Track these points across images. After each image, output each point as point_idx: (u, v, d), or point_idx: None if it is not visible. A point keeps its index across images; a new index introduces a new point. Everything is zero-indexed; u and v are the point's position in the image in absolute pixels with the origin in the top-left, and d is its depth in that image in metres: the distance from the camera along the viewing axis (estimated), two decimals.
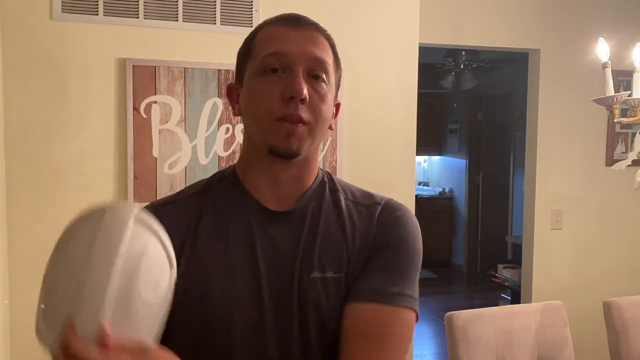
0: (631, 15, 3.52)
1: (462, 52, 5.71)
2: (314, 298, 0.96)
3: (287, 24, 0.99)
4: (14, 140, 2.26)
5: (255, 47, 0.99)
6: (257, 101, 0.96)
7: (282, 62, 0.95)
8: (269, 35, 0.99)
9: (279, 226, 0.99)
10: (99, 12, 2.31)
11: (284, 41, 0.96)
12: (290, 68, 0.95)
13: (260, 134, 0.97)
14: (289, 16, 1.00)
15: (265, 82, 0.96)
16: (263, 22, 1.03)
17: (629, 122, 2.04)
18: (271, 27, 1.00)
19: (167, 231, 0.91)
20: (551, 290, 3.45)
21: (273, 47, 0.96)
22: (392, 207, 1.05)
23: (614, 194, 3.64)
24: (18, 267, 2.27)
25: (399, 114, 2.75)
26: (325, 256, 0.98)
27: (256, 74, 0.97)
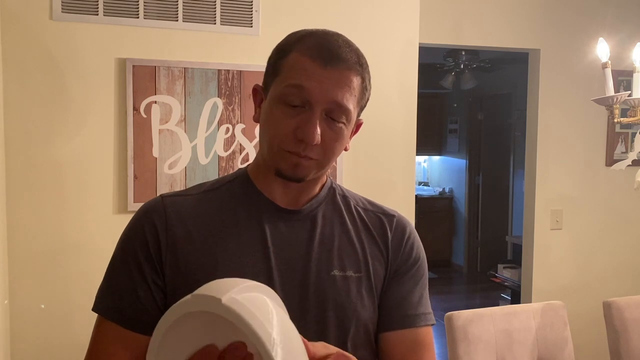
0: (631, 15, 3.52)
1: (462, 52, 5.71)
2: (334, 295, 1.01)
3: (320, 58, 0.95)
4: (14, 140, 2.26)
5: (283, 69, 0.97)
6: (272, 128, 0.97)
7: (303, 99, 0.94)
8: (298, 65, 0.95)
9: (290, 223, 1.03)
10: (99, 12, 2.31)
11: (310, 78, 0.94)
12: (310, 106, 0.94)
13: (270, 157, 0.99)
14: (324, 47, 0.96)
15: (283, 112, 0.95)
16: (299, 41, 0.98)
17: (629, 122, 2.04)
18: (303, 55, 0.96)
19: (179, 219, 0.98)
20: (551, 290, 3.45)
21: (298, 79, 0.94)
22: (405, 220, 1.13)
23: (614, 194, 3.64)
24: (18, 267, 2.27)
25: (399, 114, 2.75)
26: (345, 256, 1.04)
27: (277, 99, 0.96)
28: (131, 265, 0.98)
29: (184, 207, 1.02)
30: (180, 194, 1.06)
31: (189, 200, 1.03)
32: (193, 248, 0.98)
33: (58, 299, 2.32)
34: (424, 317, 1.08)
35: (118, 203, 2.37)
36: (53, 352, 2.31)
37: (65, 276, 2.33)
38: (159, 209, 1.01)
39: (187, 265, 0.97)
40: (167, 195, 1.05)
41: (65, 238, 2.32)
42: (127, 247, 1.00)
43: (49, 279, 2.31)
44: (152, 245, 0.98)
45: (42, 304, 2.30)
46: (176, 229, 0.99)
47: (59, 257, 2.32)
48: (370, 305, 1.04)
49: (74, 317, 2.30)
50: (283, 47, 1.00)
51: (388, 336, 1.05)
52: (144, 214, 1.02)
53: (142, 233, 0.99)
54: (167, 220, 0.99)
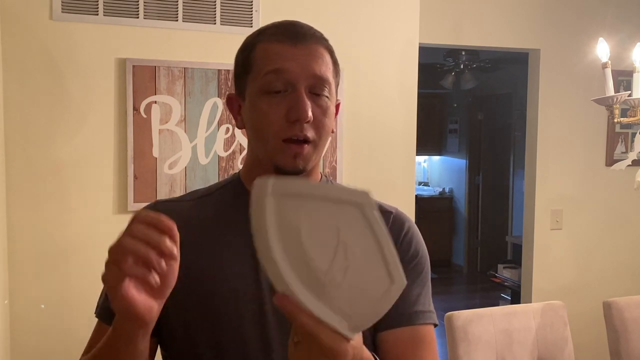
0: (631, 15, 3.52)
1: (462, 52, 5.71)
2: None
3: (287, 39, 0.96)
4: (14, 140, 2.26)
5: (255, 63, 0.97)
6: (262, 122, 0.96)
7: (284, 82, 0.94)
8: (269, 52, 0.96)
9: None
10: (99, 12, 2.31)
11: (285, 59, 0.94)
12: (293, 87, 0.94)
13: (267, 153, 0.97)
14: (288, 29, 0.97)
15: (268, 102, 0.95)
16: (260, 34, 1.00)
17: (629, 122, 2.04)
18: (270, 42, 0.97)
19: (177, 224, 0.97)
20: (551, 290, 3.45)
21: (274, 64, 0.94)
22: (404, 216, 1.10)
23: (614, 194, 3.64)
24: (18, 267, 2.27)
25: (399, 114, 2.75)
26: None
27: (259, 92, 0.96)
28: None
29: (178, 213, 0.97)
30: (175, 200, 1.07)
31: (183, 207, 1.03)
32: (185, 255, 0.95)
33: (58, 299, 2.32)
34: (423, 315, 1.04)
35: (118, 203, 2.37)
36: (53, 352, 2.31)
37: (65, 276, 2.33)
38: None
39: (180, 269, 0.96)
40: (161, 201, 1.06)
41: (65, 238, 2.32)
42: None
43: (49, 279, 2.31)
44: None
45: (42, 304, 2.30)
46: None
47: (59, 257, 2.32)
48: None
49: (74, 317, 2.30)
50: (246, 45, 1.01)
51: (385, 335, 1.01)
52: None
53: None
54: None
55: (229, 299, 0.96)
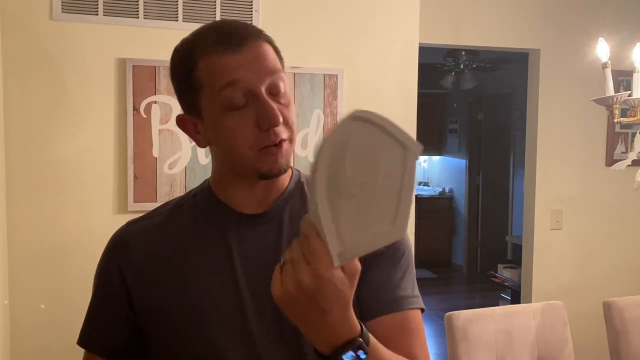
0: (631, 15, 3.52)
1: (462, 52, 5.71)
2: None
3: (228, 47, 0.91)
4: (14, 140, 2.26)
5: (204, 80, 0.92)
6: (233, 138, 0.92)
7: (244, 92, 0.90)
8: (215, 66, 0.91)
9: (256, 228, 0.98)
10: (98, 12, 2.31)
11: (235, 69, 0.90)
12: (254, 95, 0.91)
13: (247, 164, 0.94)
14: (224, 35, 0.93)
15: (234, 119, 0.91)
16: (195, 46, 0.95)
17: (629, 122, 2.04)
18: (211, 55, 0.91)
19: (141, 245, 1.01)
20: (551, 290, 3.45)
21: (226, 77, 0.90)
22: None
23: (614, 194, 3.64)
24: (18, 267, 2.27)
25: (399, 113, 2.74)
26: None
27: (221, 110, 0.91)
28: (100, 298, 1.06)
29: (148, 230, 1.03)
30: (146, 217, 1.06)
31: (155, 222, 1.04)
32: (158, 270, 0.98)
33: (58, 299, 2.32)
34: (407, 300, 0.99)
35: (118, 203, 2.37)
36: (53, 352, 2.31)
37: (65, 276, 2.33)
38: (120, 240, 1.04)
39: (154, 287, 0.98)
40: (132, 221, 1.07)
41: (65, 238, 2.32)
42: (98, 281, 1.07)
43: (49, 279, 2.31)
44: (117, 278, 1.01)
45: (42, 304, 2.30)
46: (139, 254, 1.00)
47: (59, 257, 2.32)
48: None
49: (74, 317, 2.29)
50: (184, 61, 0.97)
51: (372, 325, 0.93)
52: (108, 250, 1.06)
53: (107, 268, 1.04)
54: (129, 249, 1.01)
55: (210, 312, 0.95)
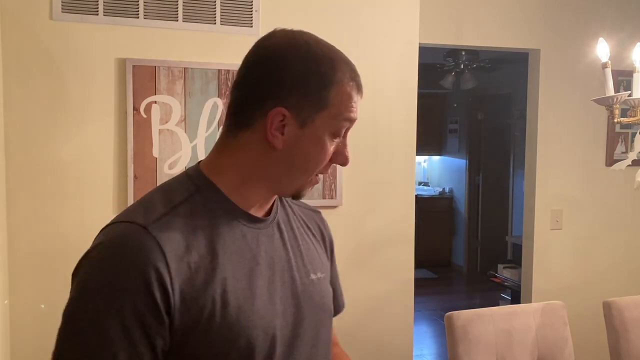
0: (631, 15, 3.52)
1: (462, 52, 5.71)
2: (319, 299, 1.04)
3: (359, 89, 1.00)
4: (14, 140, 2.26)
5: (334, 103, 0.95)
6: (318, 159, 0.98)
7: (345, 130, 1.00)
8: (348, 99, 0.97)
9: (266, 232, 1.01)
10: (99, 12, 2.31)
11: (355, 111, 0.99)
12: (345, 135, 1.00)
13: (298, 181, 1.00)
14: (357, 76, 1.00)
15: (331, 144, 0.98)
16: (336, 68, 0.96)
17: (629, 122, 2.04)
18: (348, 87, 0.97)
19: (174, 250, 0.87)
20: (551, 290, 3.45)
21: (351, 113, 0.98)
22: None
23: (614, 194, 3.64)
24: (18, 267, 2.27)
25: (399, 114, 2.75)
26: (311, 259, 1.07)
27: (328, 132, 0.97)
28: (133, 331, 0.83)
29: (171, 232, 0.89)
30: (157, 218, 0.90)
31: (169, 222, 0.90)
32: (197, 280, 0.88)
33: (58, 299, 2.31)
34: (343, 302, 1.22)
35: (118, 203, 2.37)
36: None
37: (65, 276, 2.31)
38: (154, 248, 0.86)
39: (197, 300, 0.88)
40: (150, 222, 0.88)
41: (65, 238, 2.32)
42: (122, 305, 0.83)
43: (49, 279, 2.31)
44: (160, 297, 0.84)
45: (42, 304, 2.30)
46: (176, 262, 0.87)
47: (59, 257, 2.32)
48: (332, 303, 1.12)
49: None
50: (324, 75, 0.95)
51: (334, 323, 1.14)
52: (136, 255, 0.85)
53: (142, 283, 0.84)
54: (166, 256, 0.86)
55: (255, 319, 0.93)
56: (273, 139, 0.94)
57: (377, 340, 2.73)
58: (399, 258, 2.75)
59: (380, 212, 2.70)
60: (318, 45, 0.97)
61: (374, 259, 2.73)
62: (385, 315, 2.76)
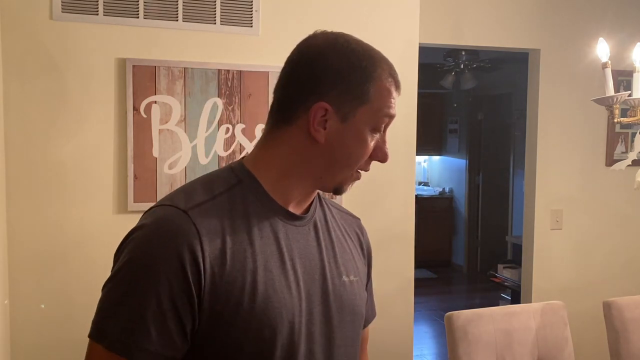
0: (631, 15, 3.52)
1: (462, 52, 5.71)
2: (350, 301, 1.05)
3: (397, 86, 1.04)
4: (14, 140, 2.26)
5: (374, 98, 1.00)
6: (362, 153, 1.00)
7: (384, 126, 1.03)
8: (388, 95, 1.02)
9: (301, 229, 1.03)
10: (99, 12, 2.31)
11: (394, 107, 1.03)
12: (384, 131, 1.03)
13: (339, 176, 1.02)
14: (395, 73, 1.05)
15: (371, 139, 1.00)
16: (377, 64, 1.02)
17: (629, 122, 2.04)
18: (388, 84, 1.02)
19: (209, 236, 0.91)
20: (551, 290, 3.45)
21: (391, 110, 1.02)
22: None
23: (614, 194, 3.64)
24: (18, 267, 2.27)
25: (399, 113, 2.73)
26: (345, 261, 1.08)
27: (369, 127, 1.00)
28: (166, 308, 0.88)
29: (210, 218, 0.93)
30: (198, 203, 0.94)
31: (209, 210, 0.94)
32: (229, 266, 0.92)
33: (58, 299, 2.32)
34: (375, 311, 1.27)
35: (118, 203, 2.37)
36: (53, 352, 2.31)
37: (65, 276, 2.33)
38: (191, 230, 0.91)
39: (226, 286, 0.91)
40: (188, 208, 0.93)
41: (65, 238, 2.32)
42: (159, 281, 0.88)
43: (49, 279, 2.31)
44: (192, 276, 0.89)
45: (42, 304, 2.30)
46: (211, 247, 0.91)
47: (59, 257, 2.32)
48: (364, 308, 1.13)
49: (74, 317, 2.30)
50: (366, 71, 0.99)
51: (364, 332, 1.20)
52: (175, 235, 0.90)
53: (173, 259, 0.89)
54: (201, 239, 0.90)
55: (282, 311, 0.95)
56: (315, 134, 0.97)
57: (377, 340, 2.72)
58: (399, 258, 2.74)
59: (380, 212, 2.70)
60: (358, 44, 1.02)
61: (374, 259, 2.72)
62: (385, 315, 2.74)
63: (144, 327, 0.88)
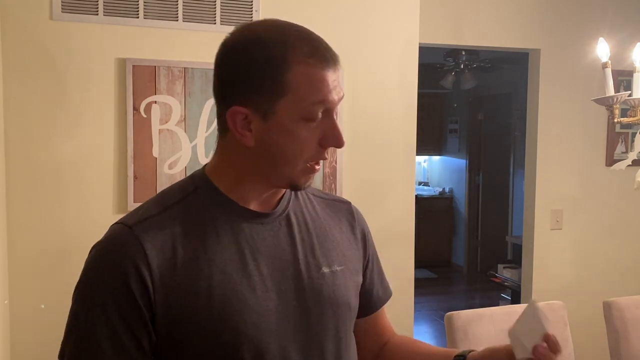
0: (631, 15, 3.52)
1: (462, 52, 5.71)
2: (329, 293, 1.02)
3: (325, 65, 0.92)
4: (14, 140, 2.26)
5: (295, 87, 0.90)
6: (298, 147, 0.93)
7: (324, 110, 0.93)
8: (313, 79, 0.91)
9: (268, 227, 1.01)
10: (99, 12, 2.31)
11: (328, 90, 0.92)
12: (329, 115, 0.94)
13: (286, 173, 0.96)
14: (321, 50, 0.93)
15: (307, 129, 0.93)
16: (290, 48, 0.91)
17: (629, 122, 2.04)
18: (309, 67, 0.91)
19: (157, 248, 0.91)
20: (551, 290, 3.45)
21: (320, 95, 0.91)
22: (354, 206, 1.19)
23: (614, 194, 3.64)
24: (18, 267, 2.27)
25: (399, 113, 2.75)
26: (327, 251, 1.05)
27: (298, 119, 0.92)
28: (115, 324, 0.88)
29: (157, 231, 0.92)
30: (145, 218, 0.94)
31: (158, 222, 0.94)
32: (181, 276, 0.91)
33: (58, 299, 2.31)
34: (389, 290, 1.24)
35: (118, 203, 2.37)
36: (53, 352, 2.30)
37: (65, 276, 2.31)
38: (135, 246, 0.90)
39: (181, 294, 0.90)
40: (133, 223, 0.93)
41: (65, 238, 2.32)
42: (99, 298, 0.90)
43: (49, 279, 2.31)
44: (138, 292, 0.88)
45: (42, 304, 2.30)
46: (158, 259, 0.90)
47: (59, 257, 2.32)
48: (356, 296, 1.09)
49: None
50: (276, 61, 0.90)
51: (375, 316, 1.20)
52: (118, 253, 0.91)
53: (117, 278, 0.89)
54: (147, 254, 0.90)
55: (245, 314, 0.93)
56: (242, 138, 0.94)
57: None
58: (399, 258, 2.74)
59: (381, 212, 2.70)
60: (268, 32, 0.93)
61: None
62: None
63: (96, 344, 0.88)
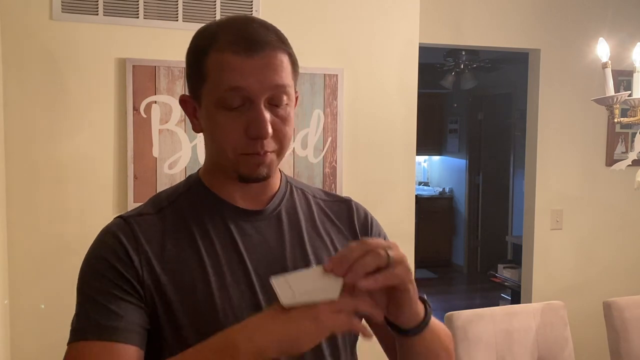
0: (631, 15, 3.52)
1: (462, 52, 5.71)
2: None
3: (243, 49, 0.89)
4: (14, 140, 2.26)
5: (210, 74, 0.92)
6: (220, 135, 0.93)
7: (242, 98, 0.90)
8: (224, 65, 0.90)
9: (258, 224, 1.00)
10: (99, 12, 2.31)
11: (242, 75, 0.89)
12: (251, 102, 0.91)
13: (227, 163, 0.95)
14: (243, 36, 0.91)
15: (226, 117, 0.91)
16: (213, 37, 0.92)
17: (629, 122, 2.04)
18: (224, 52, 0.90)
19: (148, 238, 0.94)
20: (551, 290, 3.45)
21: (231, 81, 0.89)
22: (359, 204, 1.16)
23: (614, 194, 3.64)
24: (18, 267, 2.27)
25: (399, 113, 2.75)
26: (317, 251, 1.03)
27: (216, 105, 0.92)
28: (106, 282, 0.92)
29: (149, 226, 0.96)
30: (140, 214, 0.98)
31: (151, 220, 0.97)
32: (170, 266, 0.94)
33: (58, 299, 2.32)
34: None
35: (118, 203, 2.37)
36: (53, 352, 2.30)
37: (66, 276, 2.31)
38: (125, 229, 0.95)
39: (166, 284, 0.92)
40: (127, 215, 0.98)
41: (65, 238, 2.32)
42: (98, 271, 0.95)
43: (49, 279, 2.31)
44: (125, 263, 0.92)
45: (42, 304, 2.30)
46: (148, 247, 0.94)
47: (59, 257, 2.32)
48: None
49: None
50: (197, 48, 0.94)
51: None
52: (107, 234, 0.96)
53: (112, 251, 0.93)
54: (137, 240, 0.94)
55: (226, 309, 0.94)
56: (193, 126, 1.00)
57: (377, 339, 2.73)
58: None
59: (380, 212, 2.68)
60: (212, 24, 0.96)
61: None
62: None
63: (104, 308, 0.91)
